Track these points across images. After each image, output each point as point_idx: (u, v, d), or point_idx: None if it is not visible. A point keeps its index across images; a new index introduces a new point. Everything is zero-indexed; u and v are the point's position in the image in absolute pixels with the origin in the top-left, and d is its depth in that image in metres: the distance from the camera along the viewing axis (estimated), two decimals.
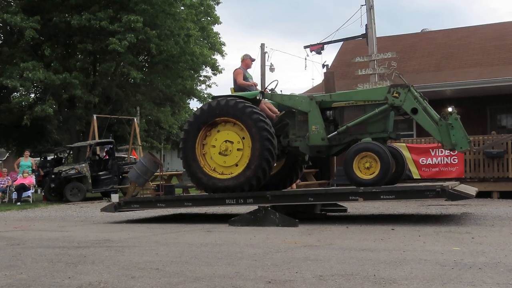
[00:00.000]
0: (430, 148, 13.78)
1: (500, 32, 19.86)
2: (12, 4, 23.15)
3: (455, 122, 8.15)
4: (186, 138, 9.14)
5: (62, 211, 13.50)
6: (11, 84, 21.41)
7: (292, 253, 5.53)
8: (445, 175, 13.46)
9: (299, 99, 9.10)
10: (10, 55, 23.20)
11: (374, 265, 4.68)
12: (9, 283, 4.36)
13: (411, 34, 22.79)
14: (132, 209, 10.02)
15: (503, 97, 16.57)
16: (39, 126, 25.85)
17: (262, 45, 29.81)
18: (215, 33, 27.89)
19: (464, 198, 7.93)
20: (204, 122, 8.98)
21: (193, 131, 9.06)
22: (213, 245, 6.22)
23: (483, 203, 11.71)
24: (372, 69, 16.50)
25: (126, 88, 26.54)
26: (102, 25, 21.76)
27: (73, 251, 6.11)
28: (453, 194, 7.78)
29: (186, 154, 9.10)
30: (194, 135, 9.03)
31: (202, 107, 9.32)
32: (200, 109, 9.32)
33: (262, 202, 8.46)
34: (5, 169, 20.02)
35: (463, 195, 7.86)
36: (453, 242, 6.09)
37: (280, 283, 4.10)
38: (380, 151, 8.09)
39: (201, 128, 9.00)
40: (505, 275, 4.19)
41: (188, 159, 9.05)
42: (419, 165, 13.94)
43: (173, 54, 24.10)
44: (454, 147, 8.21)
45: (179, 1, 24.21)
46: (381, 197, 8.03)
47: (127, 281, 4.33)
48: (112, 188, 17.99)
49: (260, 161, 8.51)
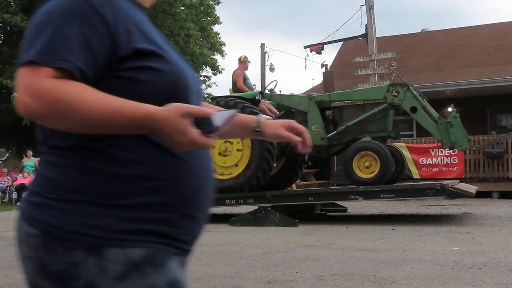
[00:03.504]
0: (430, 148, 13.77)
1: (500, 32, 19.85)
2: (12, 4, 23.16)
3: (455, 121, 8.16)
4: None
5: None
6: (11, 84, 21.44)
7: (292, 253, 5.53)
8: (445, 175, 13.45)
9: (298, 99, 9.11)
10: (10, 55, 23.20)
11: (374, 265, 4.68)
12: (9, 283, 4.36)
13: (411, 34, 22.78)
14: None
15: (503, 97, 16.56)
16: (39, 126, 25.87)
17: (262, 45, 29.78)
18: (215, 33, 27.88)
19: (463, 196, 7.93)
20: None
21: None
22: (213, 245, 6.22)
23: (483, 203, 11.71)
24: (372, 69, 16.49)
25: None
26: None
27: None
28: (452, 192, 7.78)
29: None
30: None
31: None
32: None
33: (262, 202, 8.46)
34: (5, 169, 20.02)
35: (462, 193, 7.87)
36: (453, 242, 6.09)
37: (280, 283, 4.10)
38: (380, 150, 8.09)
39: None
40: (505, 275, 4.19)
41: None
42: (419, 165, 13.94)
43: None
44: (454, 146, 8.21)
45: (179, 1, 24.21)
46: (381, 196, 8.04)
47: None
48: None
49: (259, 161, 8.51)
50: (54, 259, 1.06)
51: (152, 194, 1.10)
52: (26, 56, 1.04)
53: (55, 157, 1.12)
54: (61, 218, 1.07)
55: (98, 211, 1.07)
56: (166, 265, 1.11)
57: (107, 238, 1.06)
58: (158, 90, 1.10)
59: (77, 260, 1.05)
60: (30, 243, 1.09)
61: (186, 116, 1.02)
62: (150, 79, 1.10)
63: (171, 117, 1.01)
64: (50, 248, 1.06)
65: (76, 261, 1.05)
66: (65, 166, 1.10)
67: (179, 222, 1.14)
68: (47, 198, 1.09)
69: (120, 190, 1.08)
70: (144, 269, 1.08)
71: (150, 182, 1.10)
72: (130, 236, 1.08)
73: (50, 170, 1.12)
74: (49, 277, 1.07)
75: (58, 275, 1.06)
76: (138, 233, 1.08)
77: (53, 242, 1.06)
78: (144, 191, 1.09)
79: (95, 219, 1.06)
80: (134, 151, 1.10)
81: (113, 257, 1.06)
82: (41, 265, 1.07)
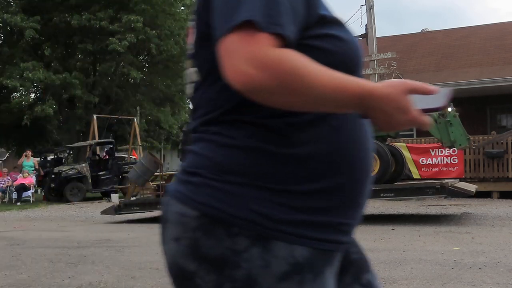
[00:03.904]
0: (430, 148, 13.77)
1: (500, 32, 19.86)
2: (12, 4, 23.14)
3: (454, 120, 8.16)
4: (185, 140, 9.15)
5: (62, 211, 13.50)
6: (11, 84, 21.41)
7: None
8: (445, 175, 13.44)
9: None
10: (10, 55, 23.19)
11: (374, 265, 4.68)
12: (9, 283, 4.36)
13: (411, 34, 22.79)
14: (132, 211, 10.03)
15: (503, 97, 16.57)
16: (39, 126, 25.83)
17: None
18: None
19: (463, 195, 7.93)
20: None
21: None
22: None
23: (483, 203, 11.71)
24: (372, 69, 16.49)
25: (126, 88, 26.53)
26: (102, 25, 21.76)
27: (73, 251, 6.11)
28: (452, 191, 7.79)
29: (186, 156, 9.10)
30: None
31: None
32: None
33: None
34: (5, 169, 20.02)
35: (462, 191, 7.87)
36: (453, 242, 6.09)
37: None
38: (379, 150, 8.10)
39: None
40: (505, 275, 4.19)
41: None
42: (419, 165, 13.93)
43: (173, 54, 24.09)
44: (453, 144, 8.21)
45: (179, 1, 24.20)
46: (380, 195, 8.04)
47: (127, 281, 4.34)
48: (112, 188, 17.97)
49: None
50: (213, 242, 0.97)
51: (324, 179, 1.00)
52: (239, 17, 0.90)
53: (217, 136, 1.02)
54: (226, 201, 0.98)
55: (267, 197, 0.97)
56: (324, 276, 1.00)
57: (275, 229, 0.97)
58: (336, 60, 1.00)
59: (240, 247, 0.96)
60: (184, 224, 1.00)
61: (409, 93, 0.94)
62: (332, 48, 1.01)
63: (394, 94, 0.93)
64: (210, 231, 0.98)
65: (239, 249, 0.96)
66: (230, 145, 1.00)
67: (344, 212, 1.04)
68: (208, 178, 1.00)
69: (292, 174, 0.98)
70: (304, 275, 0.97)
71: (323, 165, 1.00)
72: (296, 229, 0.98)
73: (212, 149, 1.02)
74: (202, 260, 0.98)
75: (216, 260, 0.97)
76: (303, 226, 0.98)
77: (214, 225, 0.97)
78: (317, 176, 1.00)
79: (264, 205, 0.97)
80: (309, 132, 1.00)
81: (279, 252, 0.96)
82: (194, 247, 0.99)
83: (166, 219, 1.05)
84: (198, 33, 1.06)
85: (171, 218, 1.03)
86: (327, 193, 1.00)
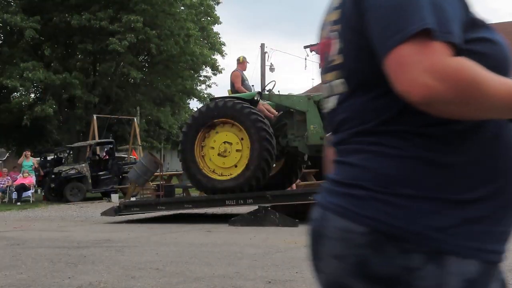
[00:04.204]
0: None
1: (500, 32, 19.85)
2: (12, 4, 23.15)
3: None
4: (185, 140, 9.15)
5: (62, 211, 13.51)
6: (11, 84, 21.42)
7: (292, 253, 5.53)
8: None
9: (297, 99, 9.12)
10: (10, 55, 23.19)
11: None
12: (9, 283, 4.37)
13: None
14: (132, 212, 10.03)
15: None
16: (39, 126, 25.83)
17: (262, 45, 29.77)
18: (215, 33, 27.87)
19: None
20: (202, 124, 8.98)
21: (191, 133, 9.06)
22: (213, 245, 6.23)
23: None
24: None
25: (126, 88, 26.54)
26: (102, 25, 21.77)
27: (73, 251, 6.12)
28: None
29: (185, 156, 9.10)
30: (193, 137, 9.03)
31: (200, 109, 9.34)
32: (198, 111, 9.35)
33: (262, 202, 8.47)
34: (5, 169, 20.03)
35: None
36: None
37: (280, 283, 4.11)
38: None
39: (199, 130, 8.99)
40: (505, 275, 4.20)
41: (187, 161, 9.06)
42: None
43: (173, 54, 24.11)
44: None
45: (179, 1, 24.21)
46: None
47: (127, 281, 4.35)
48: (112, 188, 17.98)
49: (259, 162, 8.52)
50: (383, 260, 0.93)
51: (487, 187, 0.96)
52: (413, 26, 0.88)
53: (379, 147, 0.98)
54: (396, 215, 0.93)
55: (439, 209, 0.93)
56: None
57: (450, 243, 0.92)
58: (492, 64, 0.95)
59: (414, 265, 0.91)
60: (349, 240, 0.95)
61: None
62: (489, 51, 0.98)
63: None
64: (380, 247, 0.93)
65: (412, 267, 0.91)
66: (396, 156, 0.96)
67: (505, 219, 0.99)
68: (374, 191, 0.95)
69: (460, 183, 0.95)
70: None
71: (486, 172, 0.97)
72: (469, 242, 0.93)
73: (375, 160, 0.97)
74: (370, 279, 0.94)
75: (385, 278, 0.93)
76: (475, 237, 0.94)
77: (386, 241, 0.93)
78: (481, 183, 0.96)
79: (438, 219, 0.93)
80: (473, 138, 0.97)
81: (454, 269, 0.91)
82: (362, 265, 0.94)
83: (323, 235, 1.00)
84: (347, 43, 1.01)
85: (331, 234, 0.99)
86: (490, 200, 0.97)
